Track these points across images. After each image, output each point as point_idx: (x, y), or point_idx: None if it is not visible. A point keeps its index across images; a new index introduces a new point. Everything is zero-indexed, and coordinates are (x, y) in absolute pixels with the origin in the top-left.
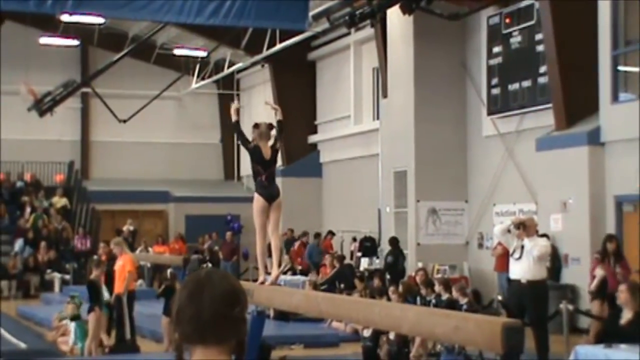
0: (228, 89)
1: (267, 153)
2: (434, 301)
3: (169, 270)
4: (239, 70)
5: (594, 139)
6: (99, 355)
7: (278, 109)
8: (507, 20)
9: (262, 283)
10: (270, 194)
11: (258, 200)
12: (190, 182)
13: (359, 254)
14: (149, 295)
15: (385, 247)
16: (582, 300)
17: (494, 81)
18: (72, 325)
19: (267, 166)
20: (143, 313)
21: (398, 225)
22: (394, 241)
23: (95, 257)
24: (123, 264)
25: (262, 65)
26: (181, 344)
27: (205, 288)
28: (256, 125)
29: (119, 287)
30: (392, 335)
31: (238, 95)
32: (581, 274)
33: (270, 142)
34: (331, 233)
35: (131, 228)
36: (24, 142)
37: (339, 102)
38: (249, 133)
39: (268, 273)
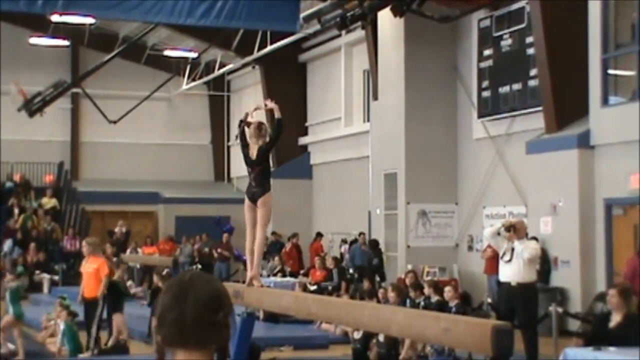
0: (219, 90)
1: (253, 154)
2: (422, 303)
3: (165, 271)
4: (230, 72)
5: (584, 142)
6: (89, 356)
7: (276, 106)
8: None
9: (251, 281)
10: (251, 195)
11: (245, 200)
12: (180, 183)
13: (348, 255)
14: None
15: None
16: (572, 302)
17: (485, 84)
18: (61, 326)
19: (252, 166)
20: (133, 314)
21: (388, 227)
22: (374, 243)
23: (115, 258)
24: (98, 268)
25: (253, 67)
26: (163, 347)
27: (189, 292)
28: (247, 125)
29: (92, 290)
30: (381, 337)
31: (228, 96)
32: (571, 277)
33: (260, 143)
34: (320, 235)
35: (124, 229)
36: (14, 142)
37: (330, 104)
38: (234, 134)
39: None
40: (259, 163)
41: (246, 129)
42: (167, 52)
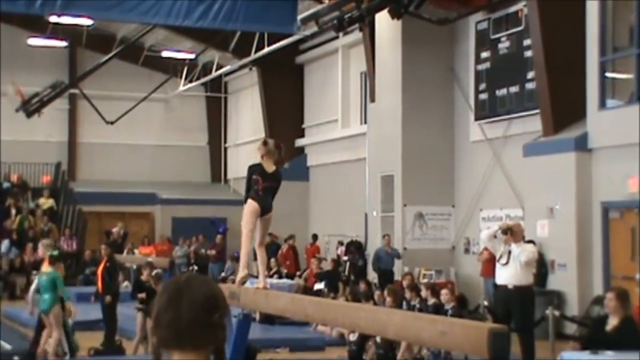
0: (216, 92)
1: (269, 167)
2: (418, 306)
3: (155, 271)
4: (227, 73)
5: (581, 145)
6: (84, 357)
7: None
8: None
9: (243, 280)
10: (263, 205)
11: (251, 204)
12: (177, 184)
13: (345, 258)
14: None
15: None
16: (568, 306)
17: (482, 86)
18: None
19: (267, 178)
20: (129, 315)
21: (385, 229)
22: (358, 245)
23: (148, 259)
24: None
25: (250, 68)
26: (159, 348)
27: (184, 293)
28: (265, 142)
29: None
30: (378, 338)
31: (226, 97)
32: (568, 280)
33: (275, 161)
34: (316, 237)
35: (122, 232)
36: (11, 142)
37: (327, 105)
38: (235, 135)
39: (255, 276)
40: (275, 179)
41: (261, 146)
42: (164, 53)
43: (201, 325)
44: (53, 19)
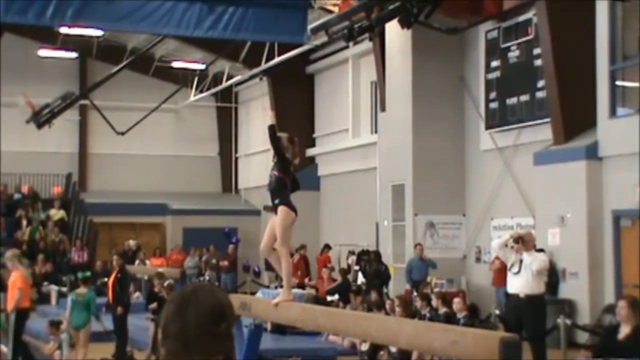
0: (226, 102)
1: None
2: (428, 315)
3: (167, 282)
4: (238, 83)
5: (591, 153)
6: None
7: (271, 113)
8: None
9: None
10: (296, 212)
11: (290, 216)
12: (188, 194)
13: (357, 267)
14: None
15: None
16: (580, 314)
17: (492, 95)
18: (62, 337)
19: (291, 178)
20: (140, 326)
21: (396, 238)
22: (378, 255)
23: (159, 269)
24: (14, 280)
25: (261, 78)
26: (168, 359)
27: (191, 303)
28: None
29: (10, 303)
30: (393, 348)
31: (236, 107)
32: (579, 289)
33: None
34: (327, 247)
35: (134, 248)
36: (22, 154)
37: (337, 115)
38: (246, 145)
39: (267, 286)
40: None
41: (282, 135)
42: (175, 64)
43: (208, 335)
44: (63, 30)
